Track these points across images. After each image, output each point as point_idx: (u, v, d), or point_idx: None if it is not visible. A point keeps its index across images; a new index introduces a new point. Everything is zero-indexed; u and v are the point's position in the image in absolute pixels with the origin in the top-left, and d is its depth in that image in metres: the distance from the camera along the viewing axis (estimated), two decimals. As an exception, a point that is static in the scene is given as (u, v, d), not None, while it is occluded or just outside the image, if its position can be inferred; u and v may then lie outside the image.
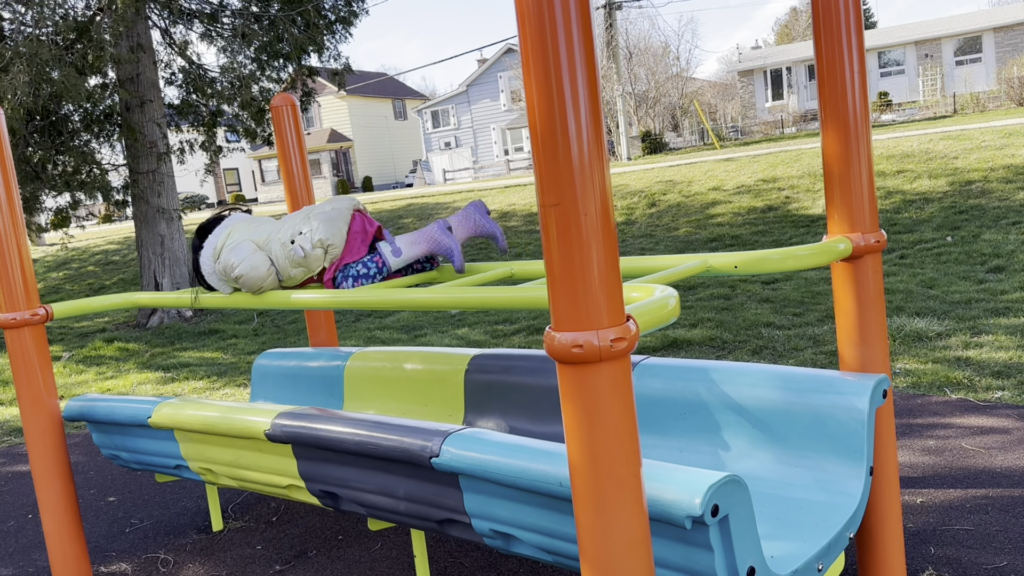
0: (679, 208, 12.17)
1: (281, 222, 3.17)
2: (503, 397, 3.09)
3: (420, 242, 2.94)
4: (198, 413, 2.89)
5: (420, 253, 2.94)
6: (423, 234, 2.96)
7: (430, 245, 2.93)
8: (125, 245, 17.91)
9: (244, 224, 3.26)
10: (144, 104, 9.41)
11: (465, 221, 3.06)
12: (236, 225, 3.27)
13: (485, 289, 2.14)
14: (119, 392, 6.86)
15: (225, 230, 3.25)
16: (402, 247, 2.94)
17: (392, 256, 2.93)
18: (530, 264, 2.84)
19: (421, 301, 2.32)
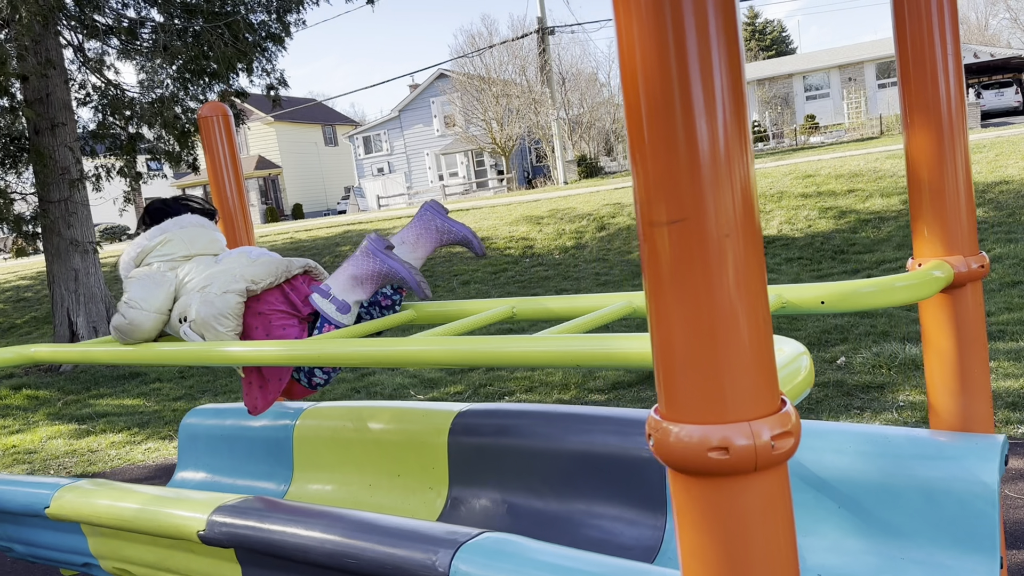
0: (630, 231, 11.80)
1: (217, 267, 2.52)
2: (498, 465, 2.52)
3: (362, 281, 2.28)
4: (110, 505, 2.23)
5: (367, 295, 2.31)
6: (359, 268, 2.27)
7: (375, 281, 2.28)
8: (37, 280, 16.68)
9: (181, 241, 2.58)
10: (55, 127, 8.56)
11: (424, 232, 2.44)
12: (180, 233, 2.60)
13: (517, 340, 1.57)
14: (26, 449, 6.02)
15: (160, 235, 2.59)
16: (342, 295, 2.29)
17: (339, 314, 2.30)
18: (534, 301, 2.29)
19: (417, 356, 1.75)
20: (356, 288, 2.29)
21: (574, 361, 1.51)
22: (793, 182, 12.22)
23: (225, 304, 2.34)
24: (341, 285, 2.30)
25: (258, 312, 2.41)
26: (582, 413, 2.40)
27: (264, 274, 2.40)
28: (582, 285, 9.80)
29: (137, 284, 2.45)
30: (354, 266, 2.27)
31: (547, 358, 1.59)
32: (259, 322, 2.41)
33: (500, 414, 2.57)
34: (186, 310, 2.42)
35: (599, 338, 1.48)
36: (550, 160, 32.74)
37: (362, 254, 2.26)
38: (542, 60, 29.76)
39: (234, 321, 2.35)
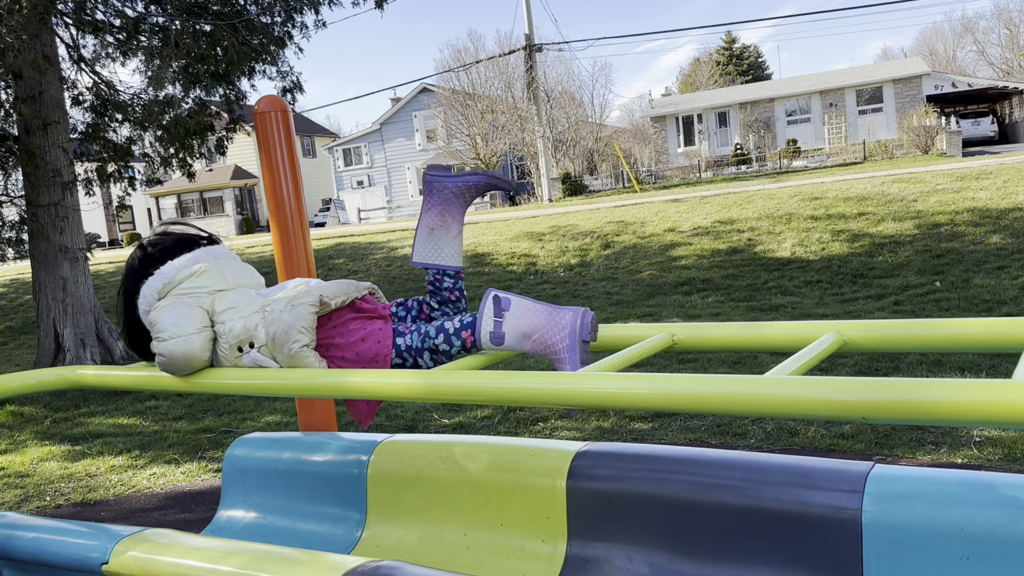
0: (637, 250, 11.53)
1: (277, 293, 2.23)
2: (632, 518, 2.17)
3: (534, 338, 1.88)
4: (194, 566, 1.85)
5: (526, 351, 1.93)
6: (551, 330, 1.86)
7: (545, 350, 1.88)
8: (13, 287, 16.02)
9: (217, 272, 2.27)
10: (48, 126, 8.09)
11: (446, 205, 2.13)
12: (209, 269, 2.27)
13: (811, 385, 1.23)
14: (17, 472, 5.54)
15: (195, 265, 2.26)
16: (507, 333, 1.90)
17: (489, 341, 1.92)
18: (702, 327, 1.95)
19: (617, 397, 1.40)
20: (523, 340, 1.90)
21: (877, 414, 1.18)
22: (800, 204, 12.06)
23: (297, 316, 2.05)
24: (516, 321, 1.89)
25: (333, 326, 2.12)
26: (743, 460, 2.07)
27: (335, 291, 2.13)
28: (594, 304, 9.50)
29: (165, 313, 2.15)
30: (548, 326, 1.85)
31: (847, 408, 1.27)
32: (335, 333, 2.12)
33: (632, 457, 2.22)
34: (249, 336, 2.11)
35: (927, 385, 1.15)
36: (534, 177, 32.54)
37: (563, 325, 1.84)
38: (529, 77, 29.60)
39: (309, 335, 2.05)
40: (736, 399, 1.33)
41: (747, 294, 8.97)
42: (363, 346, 2.06)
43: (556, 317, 1.86)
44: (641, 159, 37.61)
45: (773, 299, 8.57)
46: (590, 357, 1.84)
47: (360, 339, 2.07)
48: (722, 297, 8.99)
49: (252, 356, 2.11)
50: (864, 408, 1.23)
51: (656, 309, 8.80)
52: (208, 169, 41.78)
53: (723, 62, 59.81)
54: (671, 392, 1.39)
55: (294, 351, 2.04)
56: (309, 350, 2.06)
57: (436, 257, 2.13)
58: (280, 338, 2.05)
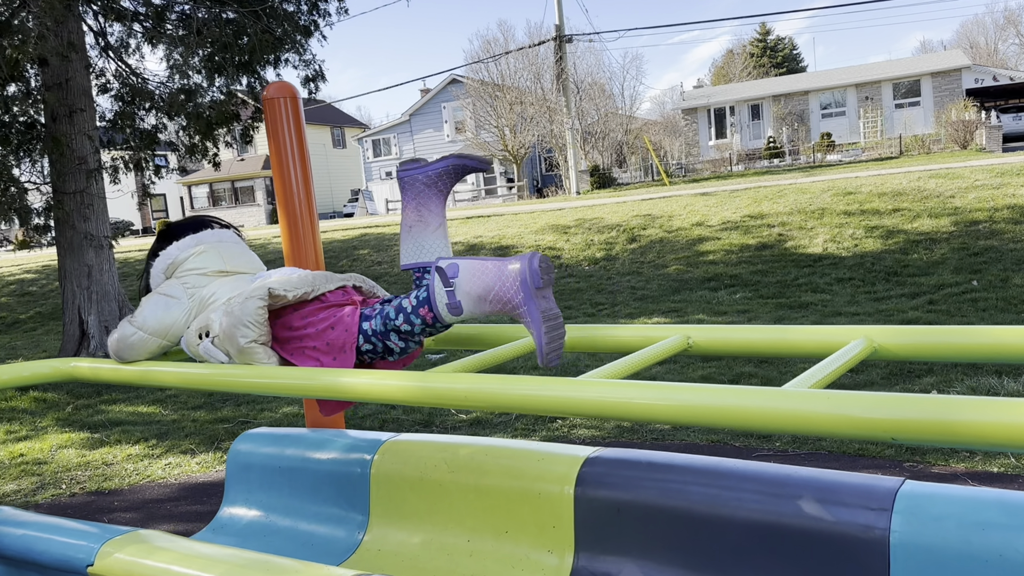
0: (663, 244, 11.34)
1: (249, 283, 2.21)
2: (643, 529, 2.05)
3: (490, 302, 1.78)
4: (178, 572, 1.76)
5: (489, 314, 1.83)
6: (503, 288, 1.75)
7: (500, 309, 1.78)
8: (43, 274, 16.22)
9: (216, 254, 2.29)
10: (73, 114, 8.10)
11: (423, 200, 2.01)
12: (209, 249, 2.29)
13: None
14: (35, 459, 5.54)
15: (193, 247, 2.30)
16: (465, 297, 1.80)
17: (447, 311, 1.82)
18: (720, 330, 1.82)
19: (624, 407, 1.28)
20: (480, 303, 1.80)
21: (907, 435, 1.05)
22: (833, 199, 11.79)
23: (244, 311, 2.00)
24: (469, 287, 1.79)
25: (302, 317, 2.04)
26: (763, 472, 1.93)
27: (299, 283, 2.05)
28: (618, 299, 9.34)
29: (154, 302, 2.22)
30: (499, 281, 1.76)
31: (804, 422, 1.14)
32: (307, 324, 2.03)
33: (645, 465, 2.10)
34: (208, 325, 2.12)
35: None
36: (562, 169, 32.33)
37: (513, 277, 1.74)
38: (559, 68, 29.36)
39: (256, 330, 2.00)
40: (752, 414, 1.20)
41: (776, 291, 8.76)
42: (332, 334, 1.98)
43: (505, 271, 1.74)
44: (671, 152, 37.23)
45: (803, 296, 8.36)
46: (552, 304, 1.73)
47: (329, 327, 1.99)
48: (750, 294, 8.79)
49: (204, 346, 2.11)
50: (894, 428, 1.10)
51: (681, 305, 8.63)
52: (239, 159, 42.11)
53: (757, 54, 59.05)
54: (680, 404, 1.27)
55: (241, 345, 2.00)
56: (257, 345, 2.01)
57: (419, 255, 2.02)
58: (228, 331, 2.01)
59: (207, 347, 2.10)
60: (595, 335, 1.96)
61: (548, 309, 1.71)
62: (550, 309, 1.71)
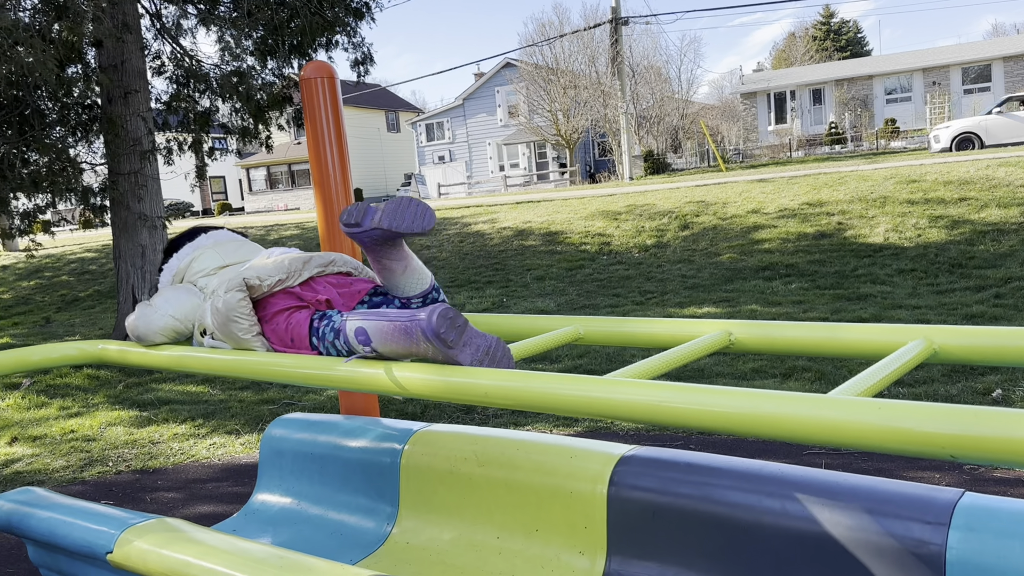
0: (717, 231, 11.09)
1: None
2: (679, 534, 1.94)
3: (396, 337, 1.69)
4: (192, 564, 1.71)
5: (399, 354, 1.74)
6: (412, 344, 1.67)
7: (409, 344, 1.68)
8: (102, 254, 16.64)
9: (214, 252, 2.38)
10: (128, 95, 8.21)
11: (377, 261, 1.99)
12: (204, 251, 2.39)
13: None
14: (84, 436, 5.64)
15: (190, 254, 2.40)
16: (374, 337, 1.74)
17: (359, 345, 1.78)
18: (766, 327, 1.69)
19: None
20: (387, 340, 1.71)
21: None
22: (896, 187, 11.36)
23: (227, 305, 2.02)
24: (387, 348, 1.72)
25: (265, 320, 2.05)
26: (811, 478, 1.80)
27: (272, 271, 2.03)
28: (668, 287, 9.15)
29: (170, 290, 2.30)
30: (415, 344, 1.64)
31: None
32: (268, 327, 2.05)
33: (683, 466, 1.98)
34: (202, 323, 2.16)
35: None
36: (615, 154, 31.95)
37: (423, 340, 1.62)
38: (614, 51, 28.96)
39: (246, 321, 2.03)
40: (792, 424, 1.08)
41: (834, 281, 8.48)
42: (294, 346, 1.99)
43: (414, 337, 1.64)
44: (728, 137, 36.50)
45: (862, 287, 8.07)
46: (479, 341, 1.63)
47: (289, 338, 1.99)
48: (806, 284, 8.52)
49: (208, 342, 2.13)
50: (954, 445, 0.97)
51: (734, 295, 8.41)
52: (296, 142, 42.63)
53: (820, 37, 57.51)
54: (714, 409, 1.15)
55: (238, 338, 2.02)
56: (253, 336, 2.02)
57: (397, 291, 2.03)
58: (222, 328, 2.04)
59: (211, 343, 2.13)
60: (631, 330, 1.85)
61: (481, 350, 1.63)
62: (482, 348, 1.63)
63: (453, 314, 1.63)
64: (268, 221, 20.65)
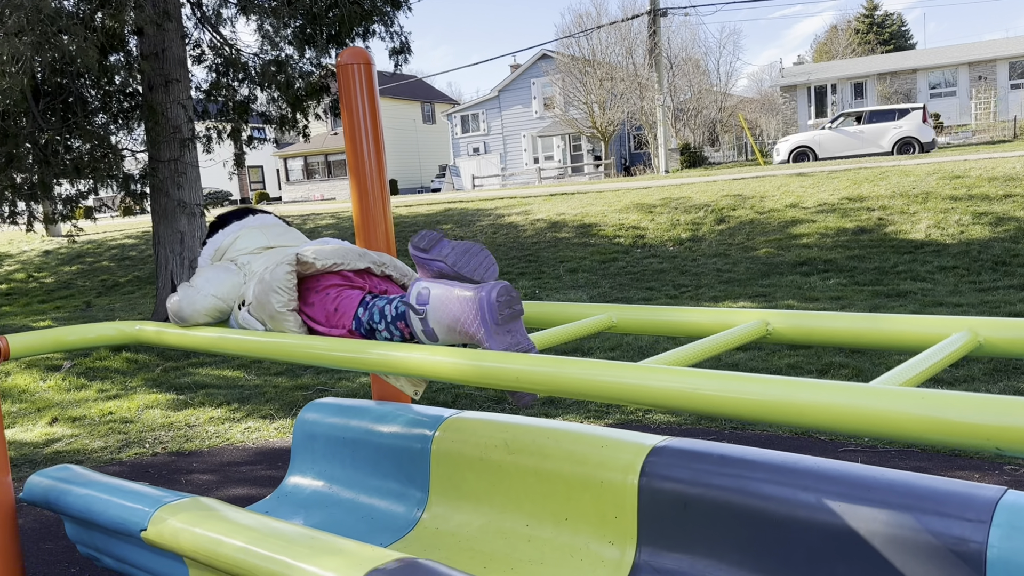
0: (753, 225, 10.95)
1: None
2: (711, 527, 1.91)
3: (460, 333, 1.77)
4: (224, 542, 1.73)
5: (459, 342, 1.82)
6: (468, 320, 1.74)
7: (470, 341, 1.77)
8: (142, 240, 16.92)
9: (260, 232, 2.41)
10: (169, 83, 8.32)
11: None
12: (250, 231, 2.42)
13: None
14: (122, 418, 5.75)
15: (236, 232, 2.43)
16: (435, 328, 1.80)
17: (425, 338, 1.84)
18: (804, 316, 1.66)
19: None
20: (451, 333, 1.79)
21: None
22: (939, 183, 11.13)
23: (274, 277, 2.06)
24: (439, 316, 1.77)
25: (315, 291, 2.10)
26: (847, 472, 1.77)
27: (327, 253, 2.10)
28: (703, 281, 9.06)
29: (208, 269, 2.33)
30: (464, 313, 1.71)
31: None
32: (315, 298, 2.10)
33: (716, 458, 1.96)
34: (243, 294, 2.21)
35: None
36: (651, 147, 31.72)
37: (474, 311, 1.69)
38: (652, 43, 28.70)
39: (286, 295, 2.06)
40: (833, 413, 1.06)
41: (873, 277, 8.34)
42: (336, 316, 2.03)
43: (470, 305, 1.70)
44: (768, 131, 36.02)
45: (902, 284, 7.92)
46: (520, 338, 1.68)
47: (334, 308, 2.03)
48: (845, 280, 8.39)
49: (243, 315, 2.17)
50: (1000, 436, 0.94)
51: (770, 289, 8.31)
52: (333, 133, 42.95)
53: (863, 30, 56.50)
54: (750, 398, 1.13)
55: (273, 310, 2.04)
56: (288, 311, 2.05)
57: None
58: (260, 298, 2.07)
59: (244, 316, 2.16)
60: (665, 318, 1.83)
61: (514, 344, 1.65)
62: (516, 344, 1.65)
63: (515, 294, 1.70)
64: (304, 210, 20.84)
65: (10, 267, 16.67)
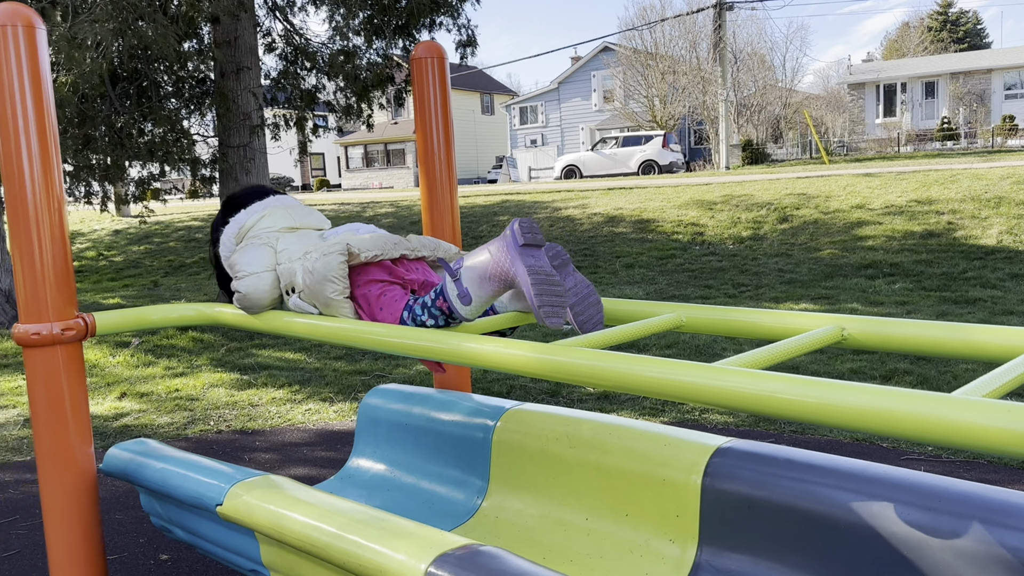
0: (817, 226, 10.75)
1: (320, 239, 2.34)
2: (774, 530, 1.91)
3: (489, 278, 1.87)
4: (296, 520, 1.79)
5: (491, 295, 1.90)
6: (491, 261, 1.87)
7: (498, 284, 1.88)
8: (208, 222, 17.36)
9: (284, 212, 2.44)
10: (240, 71, 8.52)
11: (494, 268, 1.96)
12: (275, 210, 2.44)
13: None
14: (188, 395, 5.93)
15: (260, 211, 2.44)
16: (467, 282, 1.89)
17: (459, 302, 1.90)
18: (882, 323, 1.64)
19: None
20: (483, 283, 1.88)
21: None
22: (1013, 187, 10.76)
23: (326, 266, 2.12)
24: (471, 271, 1.91)
25: (356, 285, 2.18)
26: (919, 482, 1.75)
27: (370, 244, 2.17)
28: (763, 281, 8.94)
29: (239, 255, 2.34)
30: (492, 255, 1.87)
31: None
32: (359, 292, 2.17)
33: (783, 462, 1.95)
34: (292, 280, 2.24)
35: None
36: (712, 143, 31.29)
37: (501, 245, 1.85)
38: (716, 37, 28.28)
39: (341, 283, 2.13)
40: (917, 423, 1.05)
41: (940, 283, 8.12)
42: (380, 315, 2.10)
43: (495, 243, 1.85)
44: (833, 129, 35.22)
45: (971, 291, 7.70)
46: (543, 263, 1.78)
47: (379, 308, 2.10)
48: (911, 284, 8.19)
49: (294, 301, 2.23)
50: None
51: (833, 292, 8.16)
52: (393, 122, 43.38)
53: (936, 28, 54.79)
54: (829, 403, 1.13)
55: (329, 299, 2.11)
56: (343, 299, 2.13)
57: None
58: (314, 287, 2.12)
59: (296, 302, 2.22)
60: (735, 319, 1.82)
61: (535, 265, 1.75)
62: (538, 265, 1.76)
63: (536, 227, 1.83)
64: (364, 198, 21.12)
65: (81, 245, 17.28)
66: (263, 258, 2.27)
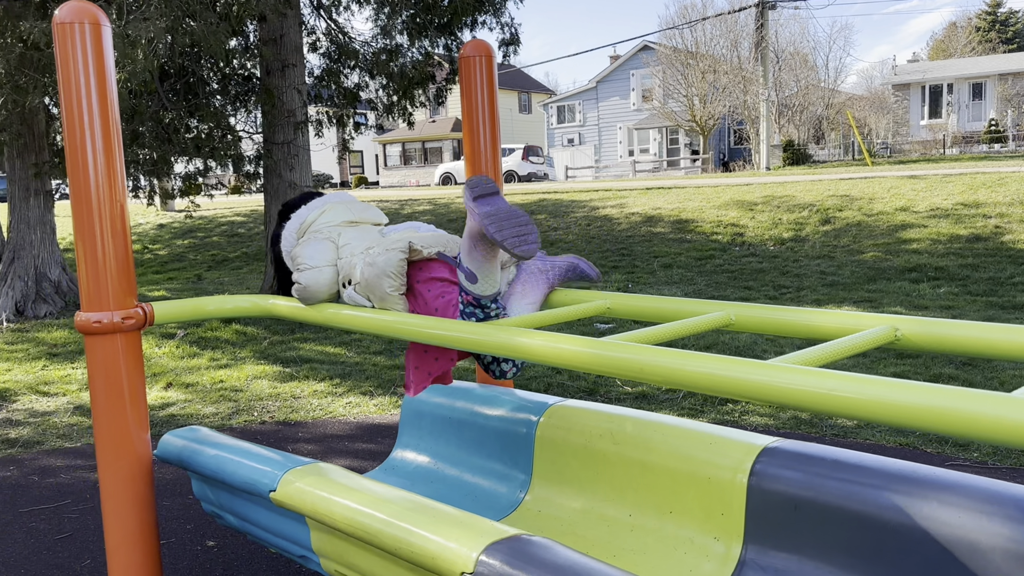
0: (860, 228, 10.60)
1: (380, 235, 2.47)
2: (820, 530, 1.91)
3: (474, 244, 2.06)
4: (348, 507, 1.83)
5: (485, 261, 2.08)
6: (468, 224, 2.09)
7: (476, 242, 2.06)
8: (251, 218, 17.62)
9: (344, 207, 2.56)
10: (285, 68, 8.65)
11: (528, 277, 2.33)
12: (335, 205, 2.56)
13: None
14: (232, 386, 6.04)
15: (321, 207, 2.57)
16: (466, 261, 2.09)
17: (468, 283, 2.10)
18: (934, 324, 1.63)
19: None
20: (472, 253, 2.06)
21: None
22: (1066, 191, 10.51)
23: (387, 262, 2.20)
24: (463, 251, 2.09)
25: (417, 280, 2.27)
26: (968, 484, 1.74)
27: (431, 242, 2.27)
28: (804, 283, 8.84)
29: (302, 248, 2.42)
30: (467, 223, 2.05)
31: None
32: (419, 288, 2.27)
33: (829, 463, 1.95)
34: (350, 273, 2.32)
35: None
36: (752, 143, 30.97)
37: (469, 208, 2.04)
38: (758, 36, 27.98)
39: (399, 280, 2.21)
40: (974, 422, 1.05)
41: (987, 288, 7.97)
42: (440, 313, 2.19)
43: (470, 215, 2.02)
44: (876, 130, 34.62)
45: (1018, 296, 7.54)
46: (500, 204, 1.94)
47: (438, 307, 2.19)
48: (956, 289, 8.04)
49: (348, 293, 2.31)
50: None
51: (876, 295, 8.05)
52: (431, 120, 43.59)
53: (984, 28, 53.61)
54: (888, 401, 1.14)
55: (385, 294, 2.19)
56: (398, 295, 2.21)
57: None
58: (372, 281, 2.19)
59: (350, 294, 2.29)
60: (784, 318, 1.83)
61: (490, 210, 1.91)
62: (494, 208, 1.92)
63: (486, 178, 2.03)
64: (402, 196, 21.27)
65: (128, 238, 17.60)
66: (325, 253, 2.35)
